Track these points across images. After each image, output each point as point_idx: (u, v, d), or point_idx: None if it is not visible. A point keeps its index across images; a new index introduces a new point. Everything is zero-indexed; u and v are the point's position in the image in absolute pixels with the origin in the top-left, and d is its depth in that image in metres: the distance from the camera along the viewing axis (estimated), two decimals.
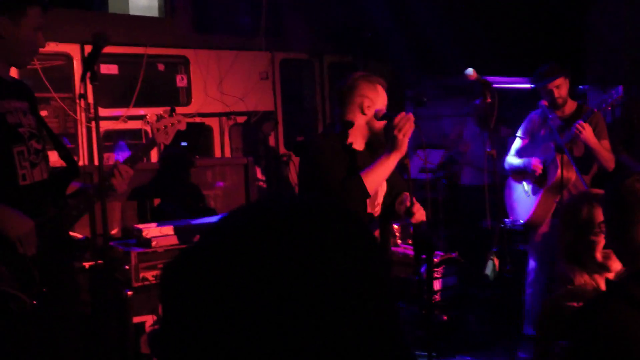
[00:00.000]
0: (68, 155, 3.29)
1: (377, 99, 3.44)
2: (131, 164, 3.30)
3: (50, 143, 3.24)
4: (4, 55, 2.97)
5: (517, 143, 5.44)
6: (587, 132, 4.75)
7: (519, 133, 5.44)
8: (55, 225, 3.08)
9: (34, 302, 2.92)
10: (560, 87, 5.08)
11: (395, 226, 5.32)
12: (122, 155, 6.57)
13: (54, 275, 3.05)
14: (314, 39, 7.63)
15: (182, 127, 3.56)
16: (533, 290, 5.17)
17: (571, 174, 4.79)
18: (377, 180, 3.32)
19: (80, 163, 5.98)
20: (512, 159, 5.36)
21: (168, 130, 3.52)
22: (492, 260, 4.50)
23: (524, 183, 5.24)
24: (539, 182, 5.11)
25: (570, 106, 5.17)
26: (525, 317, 5.21)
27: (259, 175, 7.00)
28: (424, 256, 3.36)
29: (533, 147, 5.25)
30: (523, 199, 5.23)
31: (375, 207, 3.56)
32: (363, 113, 3.42)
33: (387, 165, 3.29)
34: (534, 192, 5.18)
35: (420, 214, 3.44)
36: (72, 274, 3.34)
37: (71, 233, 3.29)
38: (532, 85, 5.29)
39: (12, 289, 2.87)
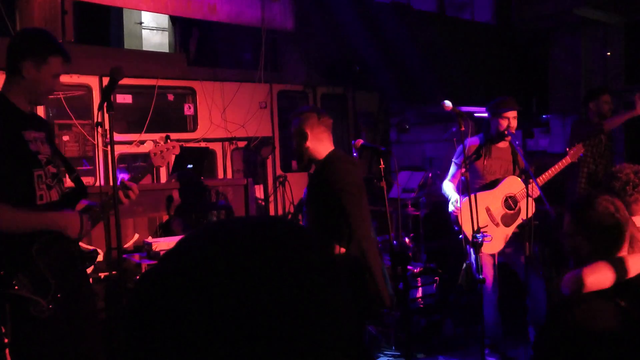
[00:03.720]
0: (77, 178, 3.57)
1: None
2: (134, 182, 3.55)
3: (63, 167, 3.47)
4: (23, 93, 3.24)
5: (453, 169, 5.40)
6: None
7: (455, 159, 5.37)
8: (66, 238, 3.28)
9: (50, 306, 3.11)
10: (516, 118, 5.18)
11: None
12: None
13: (68, 282, 3.25)
14: (308, 72, 7.94)
15: (176, 152, 3.79)
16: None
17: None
18: None
19: (97, 183, 6.29)
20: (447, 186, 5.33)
21: (164, 154, 3.71)
22: (465, 270, 4.80)
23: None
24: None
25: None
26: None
27: (258, 194, 7.20)
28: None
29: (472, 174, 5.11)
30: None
31: None
32: None
33: None
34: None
35: None
36: (86, 281, 3.55)
37: (82, 245, 3.52)
38: (488, 113, 5.29)
39: (32, 295, 3.07)
